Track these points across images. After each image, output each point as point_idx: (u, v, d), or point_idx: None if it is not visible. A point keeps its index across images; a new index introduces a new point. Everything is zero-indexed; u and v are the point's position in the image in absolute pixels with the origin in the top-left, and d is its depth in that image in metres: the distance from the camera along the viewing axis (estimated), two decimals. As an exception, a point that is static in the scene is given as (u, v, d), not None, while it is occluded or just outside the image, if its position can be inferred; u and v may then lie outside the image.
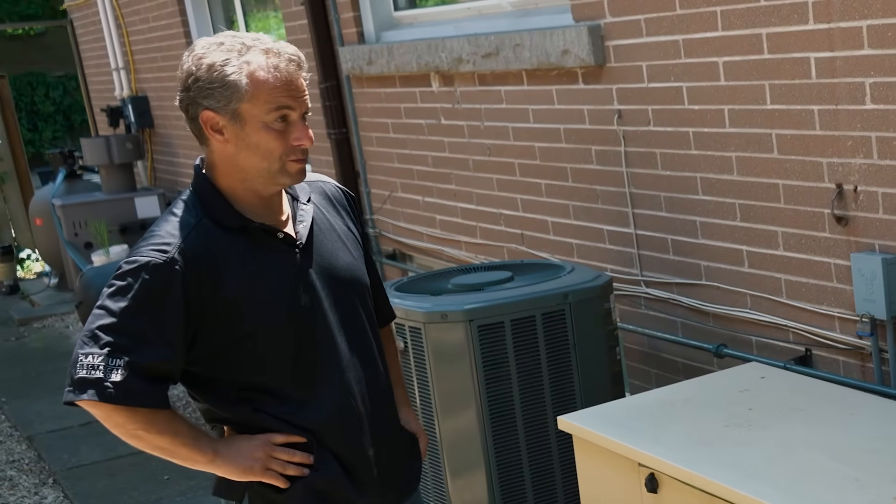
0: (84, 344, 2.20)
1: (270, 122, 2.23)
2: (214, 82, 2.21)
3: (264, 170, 2.27)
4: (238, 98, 2.21)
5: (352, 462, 2.38)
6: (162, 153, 9.22)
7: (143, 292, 2.20)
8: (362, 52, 5.41)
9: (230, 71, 2.21)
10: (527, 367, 3.45)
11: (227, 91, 2.21)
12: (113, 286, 2.23)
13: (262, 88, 2.21)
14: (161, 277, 2.21)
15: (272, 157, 2.25)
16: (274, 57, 2.23)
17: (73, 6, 10.80)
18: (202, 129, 2.27)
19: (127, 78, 9.36)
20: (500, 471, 3.48)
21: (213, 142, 2.28)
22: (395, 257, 5.77)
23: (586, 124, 4.06)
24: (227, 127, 2.24)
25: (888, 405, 2.82)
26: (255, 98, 2.21)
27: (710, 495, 2.46)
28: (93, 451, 5.87)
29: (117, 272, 2.24)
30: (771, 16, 3.20)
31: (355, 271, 2.45)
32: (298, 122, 2.26)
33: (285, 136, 2.25)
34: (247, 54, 2.22)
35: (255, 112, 2.22)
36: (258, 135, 2.24)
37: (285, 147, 2.25)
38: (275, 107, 2.22)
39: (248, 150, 2.26)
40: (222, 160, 2.30)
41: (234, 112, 2.23)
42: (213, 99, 2.22)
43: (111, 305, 2.21)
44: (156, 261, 2.21)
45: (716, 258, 3.61)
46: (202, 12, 7.99)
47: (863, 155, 3.02)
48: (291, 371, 2.33)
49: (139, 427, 2.23)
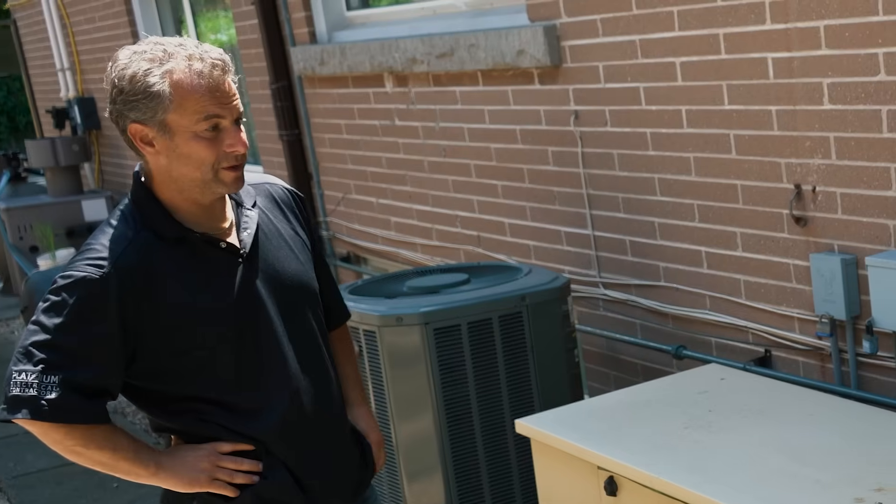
0: (18, 360, 2.15)
1: (200, 132, 2.15)
2: (138, 94, 2.12)
3: (198, 180, 2.19)
4: (163, 109, 2.13)
5: (301, 469, 2.34)
6: (109, 155, 9.09)
7: (77, 309, 2.14)
8: (314, 52, 5.35)
9: (152, 81, 2.11)
10: (484, 370, 3.42)
11: (151, 102, 2.12)
12: (48, 301, 2.17)
13: (188, 98, 2.12)
14: (96, 294, 2.15)
15: (205, 167, 2.17)
16: (197, 62, 2.14)
17: (17, 6, 10.63)
18: (132, 142, 2.19)
19: (73, 79, 9.23)
20: (458, 475, 3.45)
21: (146, 155, 2.21)
22: (350, 260, 5.72)
23: (543, 125, 4.04)
24: (157, 139, 2.17)
25: (848, 406, 2.83)
26: (181, 108, 2.13)
27: (669, 498, 2.45)
28: (39, 459, 5.76)
29: (52, 287, 2.18)
30: (728, 16, 3.19)
31: (303, 277, 2.40)
32: (230, 128, 2.18)
33: (217, 143, 2.17)
34: (168, 62, 2.13)
35: (183, 122, 2.14)
36: (188, 145, 2.15)
37: (218, 155, 2.17)
38: (203, 116, 2.14)
39: (179, 161, 2.18)
40: (157, 171, 2.23)
41: (161, 123, 2.14)
42: (138, 111, 2.14)
43: (45, 321, 2.15)
44: (91, 276, 2.15)
45: (674, 259, 3.60)
46: (150, 12, 7.88)
47: (821, 155, 3.02)
48: (236, 381, 2.28)
49: (77, 443, 2.18)
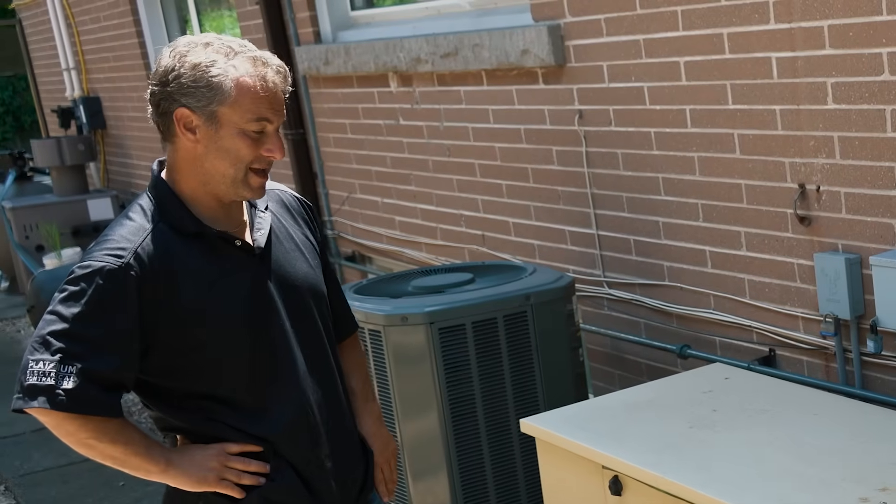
0: (34, 350, 2.15)
1: (247, 130, 2.20)
2: (198, 82, 2.17)
3: (229, 176, 2.23)
4: (220, 101, 2.17)
5: (307, 471, 2.35)
6: (115, 154, 9.10)
7: (96, 298, 2.15)
8: (319, 52, 5.36)
9: (216, 73, 2.16)
10: (489, 369, 3.43)
11: (209, 92, 2.17)
12: (65, 291, 2.17)
13: (247, 96, 2.18)
14: (116, 283, 2.16)
15: (239, 165, 2.22)
16: (262, 66, 2.20)
17: (22, 5, 10.64)
18: (171, 126, 2.22)
19: (78, 78, 9.24)
20: (463, 474, 3.45)
21: (181, 140, 2.23)
22: (355, 259, 5.72)
23: (547, 125, 4.04)
24: (201, 127, 2.20)
25: (852, 405, 2.83)
26: (236, 104, 2.17)
27: (674, 497, 2.45)
28: (45, 458, 5.78)
29: (70, 276, 2.19)
30: (732, 16, 3.19)
31: (312, 280, 2.43)
32: (274, 133, 2.23)
33: (258, 145, 2.22)
34: (234, 59, 2.18)
35: (235, 118, 2.18)
36: (232, 140, 2.20)
37: (255, 156, 2.22)
38: (256, 117, 2.19)
39: (218, 154, 2.21)
40: (186, 160, 2.25)
41: (211, 114, 2.18)
42: (192, 98, 2.18)
43: (63, 311, 2.15)
44: (111, 266, 2.16)
45: (679, 259, 3.61)
46: (154, 12, 7.89)
47: (825, 155, 3.03)
48: (247, 380, 2.29)
49: (90, 436, 2.18)
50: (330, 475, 2.39)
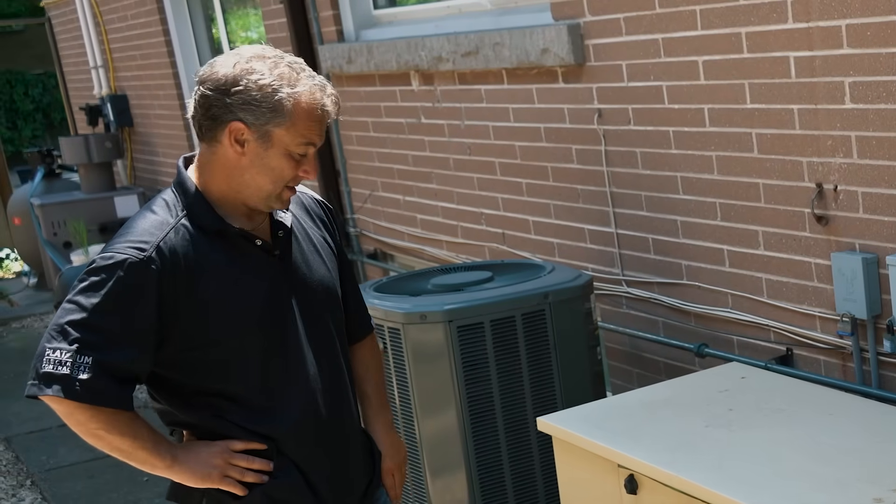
0: (52, 338, 2.17)
1: (294, 153, 2.24)
2: (262, 101, 2.19)
3: (266, 191, 2.27)
4: (276, 123, 2.20)
5: (311, 471, 2.37)
6: (141, 152, 9.17)
7: (117, 290, 2.17)
8: (342, 50, 5.39)
9: (281, 96, 2.19)
10: (507, 367, 3.44)
11: (270, 113, 2.20)
12: (86, 280, 2.19)
13: (302, 121, 2.22)
14: (137, 276, 2.17)
15: (279, 182, 2.26)
16: (320, 92, 2.24)
17: (52, 4, 10.73)
18: (219, 133, 2.23)
19: (106, 76, 9.31)
20: (481, 471, 3.47)
21: (224, 148, 2.24)
22: (377, 257, 5.75)
23: (566, 123, 4.05)
24: (251, 143, 2.23)
25: (868, 405, 2.83)
26: (293, 128, 2.21)
27: (689, 496, 2.46)
28: (71, 453, 5.84)
29: (92, 266, 2.20)
30: (750, 15, 3.19)
31: (328, 282, 2.45)
32: (314, 155, 2.28)
33: (299, 165, 2.26)
34: (298, 85, 2.22)
35: (287, 140, 2.22)
36: (279, 160, 2.23)
37: (294, 175, 2.26)
38: (306, 141, 2.24)
39: (261, 170, 2.24)
40: (224, 167, 2.27)
41: (265, 133, 2.21)
42: (252, 115, 2.20)
43: (83, 301, 2.17)
44: (133, 259, 2.18)
45: (697, 257, 3.61)
46: (181, 10, 7.95)
47: (843, 154, 3.02)
48: (257, 378, 2.31)
49: (100, 427, 2.20)
50: (334, 474, 2.41)
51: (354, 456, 2.49)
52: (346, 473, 2.45)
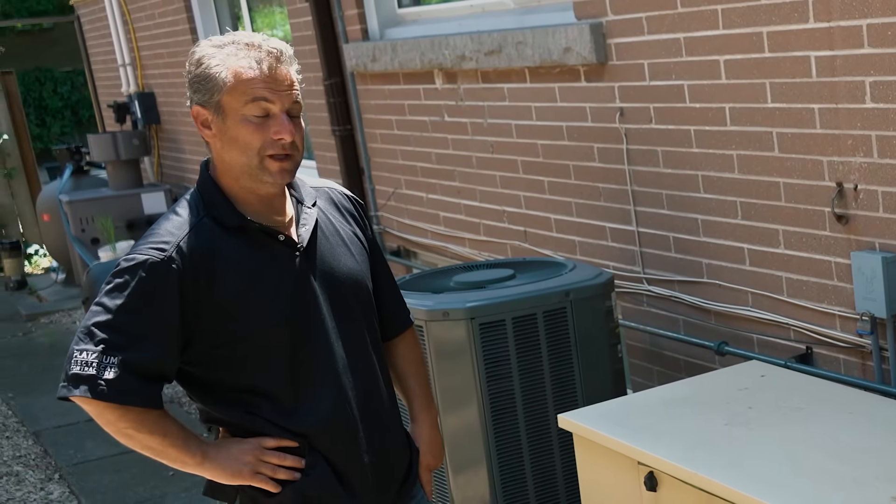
0: (80, 340, 2.21)
1: (249, 115, 2.23)
2: (201, 76, 2.25)
3: (245, 165, 2.27)
4: (219, 91, 2.23)
5: (344, 467, 2.37)
6: (168, 149, 9.24)
7: (139, 290, 2.20)
8: (366, 49, 5.42)
9: (214, 64, 2.24)
10: (528, 364, 3.46)
11: (209, 83, 2.24)
12: (110, 283, 2.23)
13: (240, 79, 2.23)
14: (158, 276, 2.21)
15: (251, 152, 2.25)
16: (255, 50, 2.24)
17: (81, 2, 10.82)
18: (196, 126, 2.30)
19: (133, 74, 9.38)
20: (502, 468, 3.49)
21: (207, 139, 2.30)
22: (400, 254, 5.78)
23: (588, 122, 4.06)
24: (213, 121, 2.27)
25: (888, 404, 2.82)
26: (234, 90, 2.23)
27: (708, 494, 2.47)
28: (99, 447, 5.90)
29: (116, 269, 2.24)
30: (771, 14, 3.20)
31: (357, 276, 2.44)
32: (279, 115, 2.25)
33: (264, 130, 2.24)
34: (228, 47, 2.25)
35: (234, 104, 2.23)
36: (237, 128, 2.24)
37: (264, 141, 2.24)
38: (251, 98, 2.23)
39: (230, 144, 2.26)
40: (217, 157, 2.32)
41: (217, 105, 2.25)
42: (200, 93, 2.26)
43: (108, 302, 2.21)
44: (153, 259, 2.21)
45: (717, 256, 3.62)
46: (208, 8, 8.00)
47: (863, 154, 3.03)
48: (286, 374, 2.31)
49: (129, 426, 2.23)
50: (368, 470, 2.40)
51: (389, 451, 2.47)
52: (381, 469, 2.43)
